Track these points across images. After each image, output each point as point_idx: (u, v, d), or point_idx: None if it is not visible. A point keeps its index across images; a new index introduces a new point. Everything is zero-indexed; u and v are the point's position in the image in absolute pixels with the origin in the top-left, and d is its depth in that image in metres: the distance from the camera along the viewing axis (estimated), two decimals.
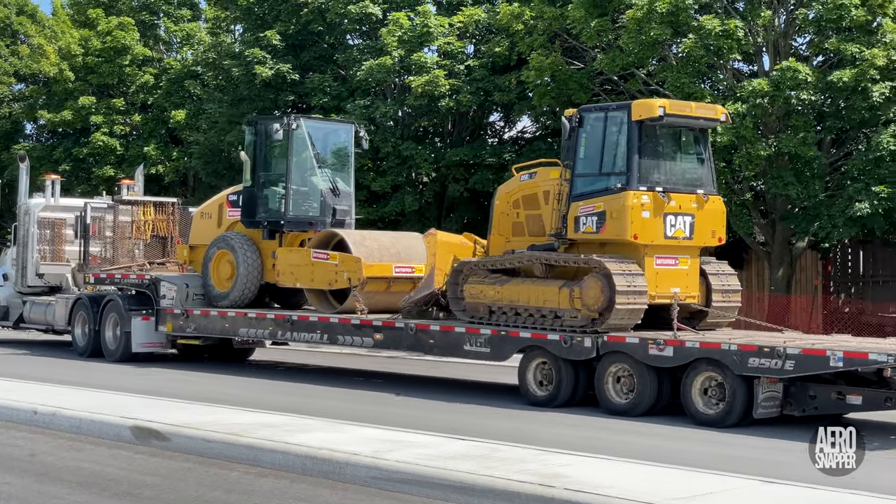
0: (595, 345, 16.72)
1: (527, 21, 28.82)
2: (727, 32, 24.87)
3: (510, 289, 18.01)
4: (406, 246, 21.44)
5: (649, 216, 16.92)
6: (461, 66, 31.92)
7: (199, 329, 22.48)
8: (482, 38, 32.99)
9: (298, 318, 20.88)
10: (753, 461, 13.05)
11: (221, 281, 22.46)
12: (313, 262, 20.91)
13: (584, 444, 13.80)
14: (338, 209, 21.96)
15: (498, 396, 18.77)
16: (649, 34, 25.39)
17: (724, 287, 17.79)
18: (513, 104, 32.22)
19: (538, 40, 28.56)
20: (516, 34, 29.33)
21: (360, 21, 34.10)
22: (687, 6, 25.14)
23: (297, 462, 12.39)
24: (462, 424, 15.27)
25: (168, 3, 44.59)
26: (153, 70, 44.05)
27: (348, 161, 22.75)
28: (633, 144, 16.95)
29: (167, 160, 42.27)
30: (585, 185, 17.49)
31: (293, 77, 34.27)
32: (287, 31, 34.67)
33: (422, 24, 31.81)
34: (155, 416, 14.58)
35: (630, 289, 16.58)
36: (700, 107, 17.65)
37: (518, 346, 17.78)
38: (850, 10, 23.92)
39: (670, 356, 16.00)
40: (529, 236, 18.67)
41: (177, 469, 12.59)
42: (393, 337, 19.41)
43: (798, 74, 23.99)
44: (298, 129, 21.74)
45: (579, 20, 26.96)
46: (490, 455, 12.30)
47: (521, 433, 14.53)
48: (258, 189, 22.17)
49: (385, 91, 33.38)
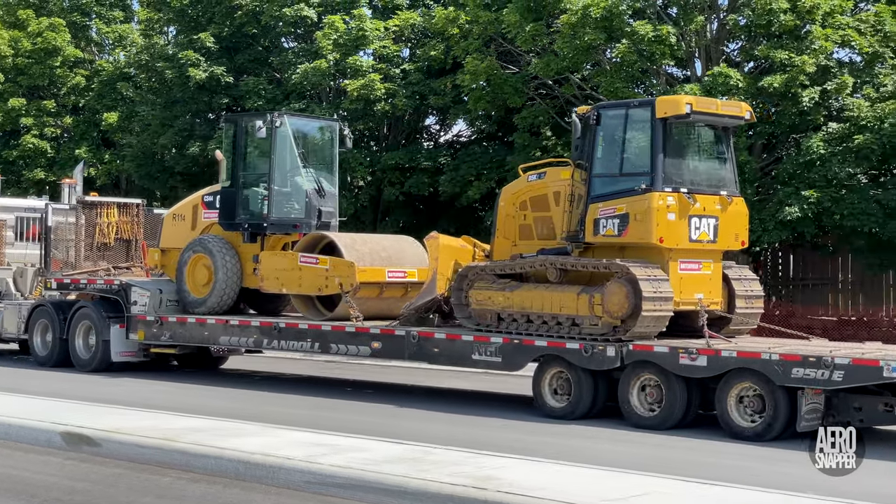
0: (619, 354, 15.87)
1: (462, 25, 28.76)
2: (660, 38, 24.96)
3: (522, 295, 17.11)
4: (397, 250, 20.47)
5: (675, 218, 16.13)
6: (397, 70, 31.73)
7: (174, 337, 21.26)
8: (418, 42, 32.90)
9: (287, 325, 19.79)
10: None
11: (197, 287, 21.27)
12: (301, 266, 19.83)
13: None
14: (323, 211, 20.91)
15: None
16: (583, 39, 25.55)
17: (747, 293, 17.05)
18: (448, 108, 32.12)
19: (473, 44, 28.48)
20: (451, 38, 29.26)
21: (295, 24, 33.81)
22: (620, 12, 25.37)
23: (230, 466, 12.40)
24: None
25: (100, 5, 43.48)
26: (85, 72, 42.88)
27: (333, 160, 21.69)
28: (657, 143, 16.13)
29: (99, 163, 41.31)
30: (605, 186, 16.63)
31: (227, 80, 33.93)
32: (221, 34, 34.39)
33: (357, 27, 31.56)
34: (86, 422, 14.43)
35: (656, 295, 15.76)
36: (725, 104, 16.89)
37: (533, 355, 16.88)
38: (779, 15, 24.11)
39: (703, 366, 15.20)
40: (538, 239, 17.80)
41: (108, 475, 12.52)
42: (392, 345, 18.41)
43: (729, 80, 24.10)
44: (282, 127, 20.64)
45: (514, 25, 26.89)
46: (423, 458, 12.39)
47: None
48: (238, 189, 21.02)
49: (320, 94, 33.06)
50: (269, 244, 20.93)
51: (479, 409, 17.67)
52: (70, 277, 23.31)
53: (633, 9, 25.88)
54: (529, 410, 17.05)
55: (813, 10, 24.36)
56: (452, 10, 28.97)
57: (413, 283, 19.96)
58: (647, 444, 14.70)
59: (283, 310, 22.43)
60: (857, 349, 15.69)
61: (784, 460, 13.51)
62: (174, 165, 36.06)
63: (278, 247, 20.88)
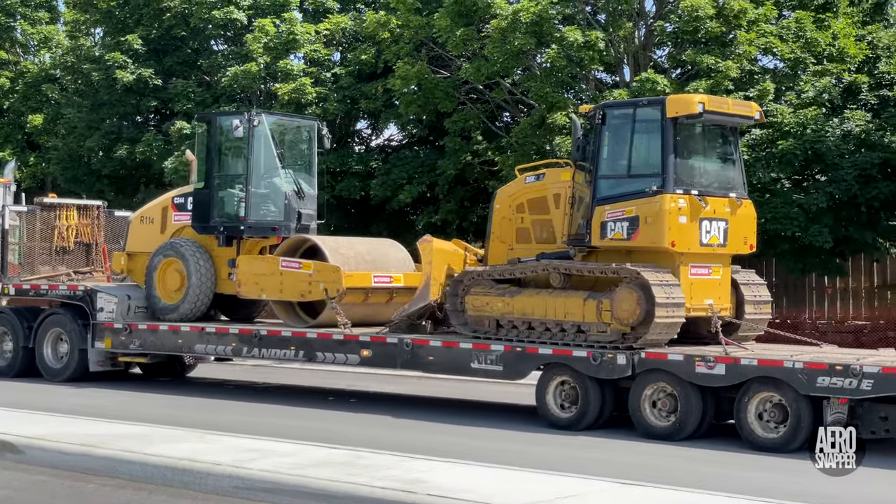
0: (630, 362, 15.29)
1: (393, 29, 28.45)
2: (589, 43, 24.90)
3: (523, 301, 16.47)
4: (381, 253, 19.74)
5: (686, 221, 15.59)
6: (328, 74, 31.23)
7: (145, 345, 20.33)
8: (349, 46, 32.49)
9: (268, 333, 18.97)
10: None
11: (169, 292, 20.37)
12: (282, 271, 19.03)
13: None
14: (303, 213, 20.11)
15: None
16: (514, 44, 25.22)
17: (755, 298, 16.55)
18: (379, 112, 31.60)
19: (404, 49, 28.23)
20: (382, 42, 28.99)
21: (225, 27, 33.02)
22: (550, 17, 25.15)
23: (157, 473, 12.33)
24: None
25: (25, 6, 41.92)
26: (9, 73, 41.33)
27: (312, 161, 20.89)
28: (668, 143, 15.58)
29: (24, 166, 39.87)
30: (611, 188, 16.06)
31: (156, 82, 33.05)
32: (149, 36, 33.60)
33: (288, 30, 30.89)
34: (9, 429, 14.25)
35: (669, 301, 15.20)
36: (736, 103, 16.37)
37: (537, 363, 16.24)
38: (705, 22, 24.17)
39: (722, 375, 14.65)
40: (537, 243, 17.19)
41: (31, 482, 12.36)
42: (384, 353, 17.68)
43: (657, 86, 23.89)
44: (260, 126, 19.82)
45: (445, 29, 26.64)
46: (353, 462, 12.47)
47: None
48: (212, 191, 20.12)
49: (251, 98, 32.33)
50: (245, 248, 20.10)
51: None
52: (30, 283, 22.27)
53: (562, 14, 25.82)
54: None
55: (738, 17, 24.48)
56: (383, 15, 28.73)
57: (398, 287, 19.28)
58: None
59: (256, 316, 21.64)
60: (877, 356, 15.21)
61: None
62: (101, 168, 35.08)
63: (255, 251, 20.06)
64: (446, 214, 29.26)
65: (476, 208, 30.03)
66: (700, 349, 15.39)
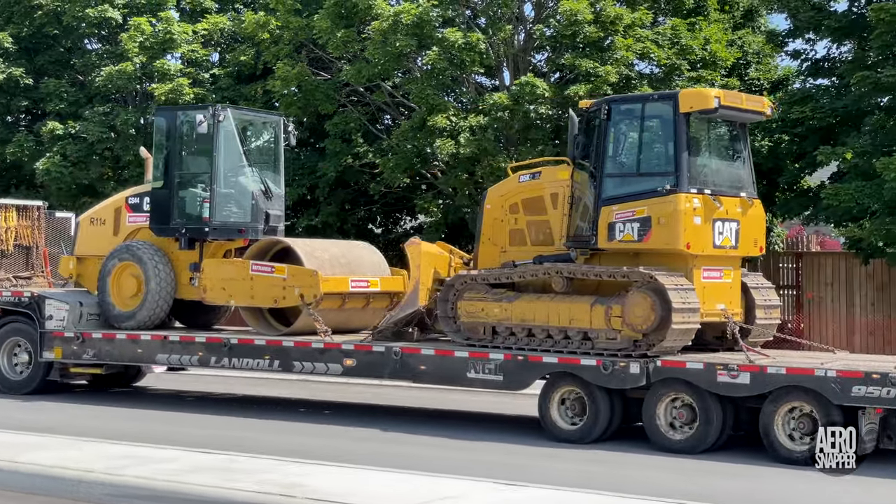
0: (644, 371, 14.45)
1: (272, 30, 27.85)
2: (469, 46, 24.71)
3: (522, 306, 15.56)
4: (356, 256, 18.70)
5: (700, 222, 14.80)
6: (206, 75, 30.25)
7: (100, 355, 19.01)
8: (227, 47, 31.62)
9: (240, 341, 17.79)
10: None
11: (124, 299, 19.09)
12: (253, 275, 17.90)
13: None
14: (271, 214, 18.99)
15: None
16: (395, 46, 24.99)
17: (766, 302, 15.83)
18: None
19: (284, 50, 27.65)
20: (262, 43, 28.32)
21: (99, 25, 31.90)
22: (431, 19, 25.00)
23: (27, 481, 12.11)
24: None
25: None
26: None
27: (278, 158, 19.76)
28: (681, 140, 14.78)
29: None
30: (619, 187, 15.22)
31: (27, 82, 31.84)
32: (20, 34, 32.27)
33: (164, 30, 29.87)
34: None
35: (685, 306, 14.41)
36: (749, 98, 15.57)
37: (541, 372, 15.33)
38: (584, 27, 24.29)
39: (746, 384, 13.88)
40: (533, 245, 16.30)
41: None
42: (369, 363, 16.63)
43: (536, 89, 24.01)
44: (225, 121, 18.65)
45: (325, 31, 26.17)
46: (229, 467, 12.36)
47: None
48: (173, 191, 18.90)
49: (126, 98, 31.40)
50: (209, 251, 18.92)
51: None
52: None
53: (443, 17, 25.66)
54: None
55: (616, 22, 24.65)
56: (263, 15, 28.09)
57: (375, 292, 18.29)
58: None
59: (215, 323, 20.46)
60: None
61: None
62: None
63: (219, 254, 18.90)
64: (327, 217, 28.53)
65: (357, 211, 29.65)
66: (719, 356, 14.66)
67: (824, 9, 24.02)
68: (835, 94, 23.77)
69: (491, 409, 18.42)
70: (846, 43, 24.54)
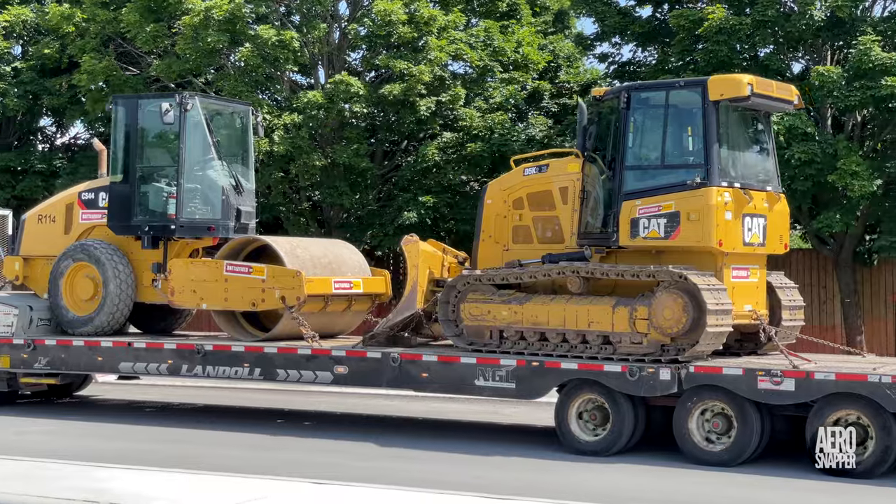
0: (676, 377, 13.44)
1: (78, 23, 27.02)
2: (283, 43, 24.64)
3: (535, 308, 14.46)
4: (336, 256, 17.46)
5: (731, 218, 13.84)
6: (7, 68, 29.01)
7: (54, 364, 17.48)
8: (30, 39, 30.31)
9: (215, 347, 16.42)
10: None
11: (79, 302, 17.63)
12: (227, 276, 16.58)
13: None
14: (242, 211, 17.63)
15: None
16: (206, 41, 24.49)
17: (791, 303, 14.95)
18: (65, 109, 29.75)
19: (90, 43, 26.89)
20: (67, 36, 27.46)
21: None
22: (243, 15, 24.83)
23: None
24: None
25: None
26: None
27: (248, 151, 18.39)
28: (711, 130, 13.82)
29: None
30: (641, 180, 14.23)
31: None
32: None
33: None
34: None
35: (719, 307, 13.44)
36: (779, 87, 14.63)
37: (559, 379, 14.24)
38: (398, 27, 24.42)
39: (790, 391, 12.95)
40: (540, 243, 15.21)
41: None
42: (364, 370, 15.40)
43: (351, 88, 24.15)
44: (193, 110, 17.26)
45: (134, 24, 25.57)
46: (32, 473, 12.15)
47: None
48: (134, 186, 17.47)
49: None
50: (174, 251, 17.50)
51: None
52: None
53: (256, 13, 25.45)
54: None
55: (429, 23, 24.73)
56: (68, 7, 27.10)
57: (357, 294, 17.11)
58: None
59: (175, 328, 19.12)
60: None
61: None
62: None
63: (185, 253, 17.51)
64: None
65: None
66: (755, 361, 13.76)
67: (630, 14, 24.58)
68: None
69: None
70: (650, 47, 25.22)
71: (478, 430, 16.52)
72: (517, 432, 16.35)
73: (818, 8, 21.15)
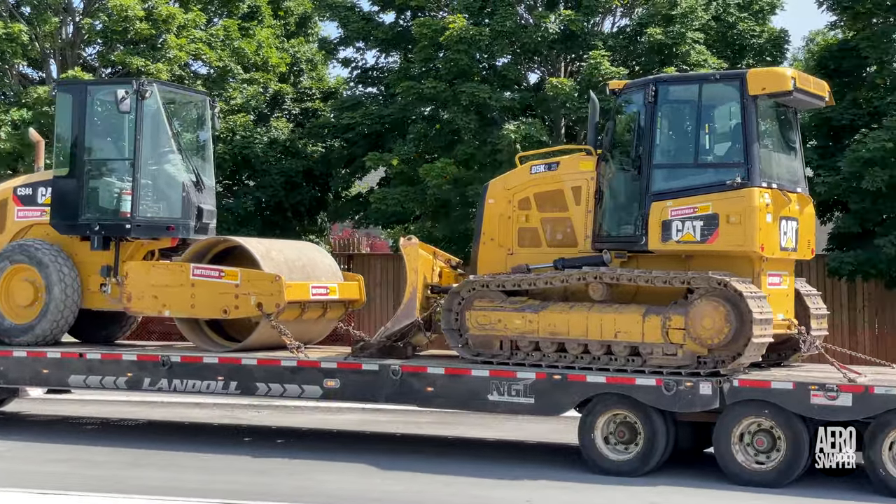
0: (717, 392, 12.48)
1: None
2: (11, 36, 23.96)
3: (552, 317, 13.36)
4: (310, 259, 16.13)
5: (770, 220, 12.95)
6: None
7: None
8: None
9: (183, 359, 14.91)
10: None
11: (16, 308, 15.94)
12: (194, 281, 15.10)
13: None
14: (204, 209, 16.14)
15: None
16: None
17: (818, 311, 14.14)
18: None
19: None
20: None
21: None
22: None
23: None
24: None
25: None
26: None
27: (207, 144, 16.89)
28: (751, 126, 12.89)
29: None
30: (671, 180, 13.25)
31: None
32: None
33: None
34: None
35: (763, 316, 12.53)
36: (816, 83, 13.75)
37: (583, 394, 13.14)
38: (135, 23, 24.00)
39: (847, 406, 12.08)
40: (549, 246, 14.12)
41: None
42: (358, 384, 14.09)
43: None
44: (151, 98, 15.73)
45: None
46: None
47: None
48: (82, 180, 15.85)
49: None
50: (126, 252, 15.94)
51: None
52: None
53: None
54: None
55: (169, 21, 24.37)
56: None
57: (333, 300, 15.81)
58: None
59: (119, 336, 17.58)
60: None
61: None
62: None
63: (139, 256, 15.96)
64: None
65: None
66: (802, 374, 12.86)
67: (373, 20, 24.64)
68: (382, 102, 24.37)
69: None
70: (393, 53, 25.34)
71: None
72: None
73: (553, 21, 21.88)
